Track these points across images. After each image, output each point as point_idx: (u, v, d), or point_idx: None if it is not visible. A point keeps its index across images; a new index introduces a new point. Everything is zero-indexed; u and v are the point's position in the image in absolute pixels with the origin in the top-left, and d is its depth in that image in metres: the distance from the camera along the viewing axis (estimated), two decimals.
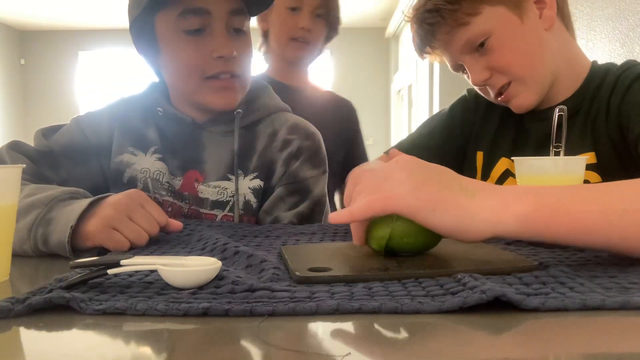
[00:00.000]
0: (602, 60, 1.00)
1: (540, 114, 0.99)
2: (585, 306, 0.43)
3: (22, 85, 7.69)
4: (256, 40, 1.64)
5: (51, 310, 0.45)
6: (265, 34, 1.56)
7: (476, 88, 1.03)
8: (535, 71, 0.94)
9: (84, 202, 0.75)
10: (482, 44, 0.93)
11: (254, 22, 1.09)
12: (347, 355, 0.35)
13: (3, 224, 0.59)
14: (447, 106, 1.17)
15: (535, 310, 0.43)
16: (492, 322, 0.42)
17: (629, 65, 0.93)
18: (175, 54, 0.95)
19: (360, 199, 0.57)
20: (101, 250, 0.73)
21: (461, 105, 1.13)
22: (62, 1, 6.39)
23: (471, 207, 0.54)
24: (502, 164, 1.04)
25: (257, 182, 1.00)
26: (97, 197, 0.77)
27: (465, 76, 1.03)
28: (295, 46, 1.50)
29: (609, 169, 0.91)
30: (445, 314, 0.43)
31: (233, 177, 0.99)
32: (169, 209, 0.99)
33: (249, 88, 1.02)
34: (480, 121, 1.10)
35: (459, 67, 1.02)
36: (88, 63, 7.69)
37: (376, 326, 0.42)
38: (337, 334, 0.41)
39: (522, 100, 0.96)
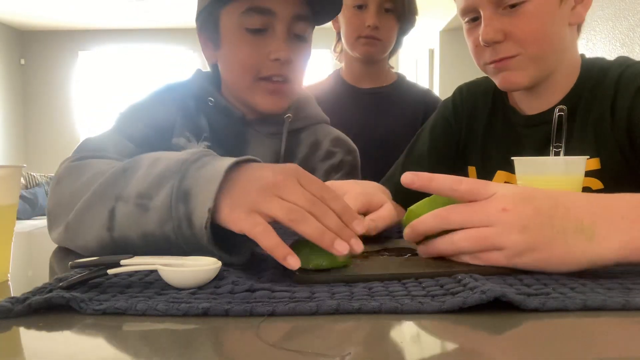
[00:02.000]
0: None
1: (535, 118, 0.95)
2: (586, 307, 0.43)
3: (22, 85, 7.68)
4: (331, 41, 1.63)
5: (51, 310, 0.45)
6: (339, 34, 1.56)
7: (471, 45, 0.95)
8: (547, 55, 0.90)
9: (219, 169, 0.59)
10: (513, 5, 0.86)
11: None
12: (347, 355, 0.35)
13: (3, 224, 0.59)
14: (426, 126, 1.13)
15: (535, 310, 0.43)
16: (492, 322, 0.42)
17: (626, 63, 0.90)
18: (234, 50, 0.96)
19: (457, 240, 0.54)
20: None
21: (441, 125, 1.09)
22: (62, 1, 6.38)
23: (586, 250, 0.51)
24: (498, 178, 0.99)
25: None
26: (237, 160, 0.60)
27: (466, 27, 0.94)
28: (363, 44, 1.47)
29: (614, 176, 0.87)
30: (445, 314, 0.43)
31: None
32: None
33: (298, 95, 1.03)
34: (465, 134, 1.06)
35: (469, 12, 0.92)
36: (88, 63, 7.68)
37: (376, 326, 0.42)
38: (337, 334, 0.41)
39: (516, 76, 0.90)
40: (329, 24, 1.60)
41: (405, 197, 1.00)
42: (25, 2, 6.39)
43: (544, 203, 0.52)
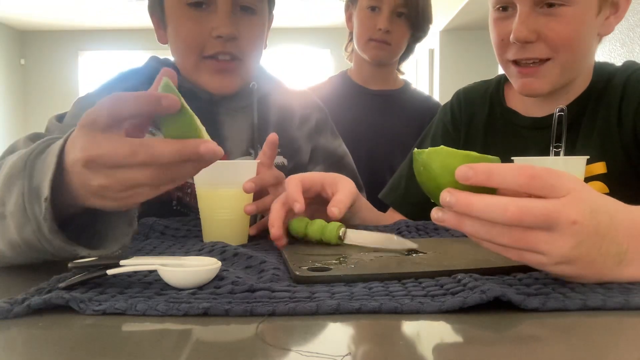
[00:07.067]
0: (601, 60, 0.98)
1: (542, 121, 0.94)
2: (586, 306, 0.43)
3: (22, 85, 7.68)
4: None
5: (51, 310, 0.45)
6: (352, 34, 1.56)
7: (496, 37, 0.91)
8: (575, 63, 0.88)
9: (53, 156, 0.53)
10: (552, 5, 0.84)
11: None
12: (347, 355, 0.35)
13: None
14: (427, 133, 1.11)
15: (535, 310, 0.43)
16: (492, 322, 0.42)
17: (633, 67, 0.90)
18: (176, 27, 0.91)
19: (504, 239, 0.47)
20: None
21: (441, 132, 1.08)
22: (62, 1, 6.38)
23: (612, 275, 0.49)
24: None
25: (280, 159, 0.97)
26: (64, 142, 0.54)
27: (494, 16, 0.91)
28: (373, 47, 1.47)
29: (620, 180, 0.87)
30: (445, 314, 0.43)
31: (253, 152, 0.96)
32: (189, 191, 0.92)
33: (253, 73, 0.98)
34: (465, 139, 1.05)
35: (504, 1, 0.89)
36: (88, 63, 7.68)
37: (376, 326, 0.42)
38: (337, 334, 0.41)
39: (541, 83, 0.88)
40: (331, 24, 1.60)
41: (412, 209, 0.99)
42: (25, 2, 6.39)
43: (603, 219, 0.47)
